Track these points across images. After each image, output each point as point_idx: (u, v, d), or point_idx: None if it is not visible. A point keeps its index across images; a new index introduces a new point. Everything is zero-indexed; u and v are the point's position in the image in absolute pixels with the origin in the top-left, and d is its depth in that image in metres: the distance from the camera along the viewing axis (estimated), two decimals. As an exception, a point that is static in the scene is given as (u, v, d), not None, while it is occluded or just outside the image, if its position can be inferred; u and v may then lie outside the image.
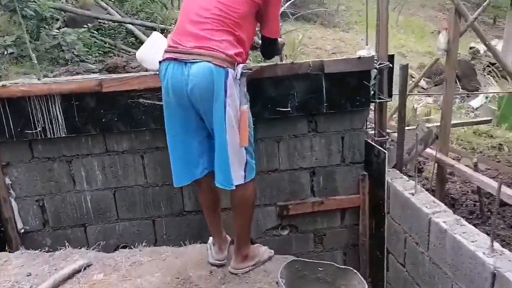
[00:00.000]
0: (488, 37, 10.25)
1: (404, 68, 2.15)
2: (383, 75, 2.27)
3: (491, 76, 7.72)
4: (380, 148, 2.20)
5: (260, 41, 1.98)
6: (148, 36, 5.76)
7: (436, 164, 2.58)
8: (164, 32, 5.90)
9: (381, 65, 2.21)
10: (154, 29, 5.91)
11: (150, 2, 6.47)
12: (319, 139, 2.37)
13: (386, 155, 2.12)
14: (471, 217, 2.49)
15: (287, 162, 2.38)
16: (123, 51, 5.53)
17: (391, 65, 2.24)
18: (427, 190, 2.96)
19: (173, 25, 6.26)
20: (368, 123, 2.46)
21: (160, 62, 1.73)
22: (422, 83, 6.73)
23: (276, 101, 2.21)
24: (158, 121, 2.12)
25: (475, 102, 6.19)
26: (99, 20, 5.86)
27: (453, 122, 3.52)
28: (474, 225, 2.51)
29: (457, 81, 6.74)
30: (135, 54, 5.52)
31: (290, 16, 7.24)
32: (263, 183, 2.36)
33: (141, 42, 5.85)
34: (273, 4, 1.78)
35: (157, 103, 2.12)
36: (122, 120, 2.14)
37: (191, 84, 1.64)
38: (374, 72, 2.26)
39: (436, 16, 12.70)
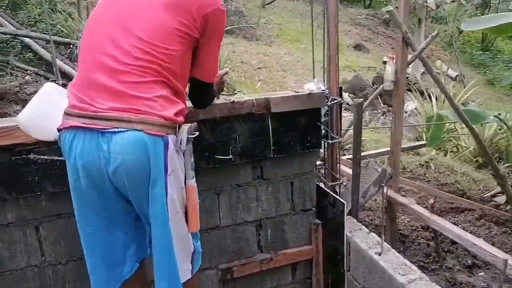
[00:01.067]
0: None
1: (359, 106, 1.90)
2: (333, 111, 2.01)
3: (409, 91, 8.18)
4: (336, 197, 1.91)
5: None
6: (49, 52, 4.94)
7: (385, 201, 2.38)
8: (71, 47, 5.12)
9: (333, 102, 1.93)
10: (57, 42, 5.11)
11: (52, 12, 5.62)
12: (266, 187, 2.02)
13: (345, 206, 1.84)
14: (428, 260, 2.34)
15: (229, 216, 1.99)
16: (18, 69, 4.66)
17: (342, 101, 1.98)
18: (376, 226, 2.80)
19: (80, 39, 5.48)
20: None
21: (59, 130, 1.20)
22: (347, 99, 6.83)
23: (214, 148, 1.82)
24: (59, 182, 1.59)
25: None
26: (-16, 32, 4.90)
27: (384, 149, 3.43)
28: (433, 270, 2.40)
29: (379, 97, 6.97)
30: (33, 73, 4.69)
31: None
32: (201, 244, 1.93)
33: (41, 58, 5.01)
34: (213, 39, 1.34)
35: (56, 158, 1.59)
36: (5, 184, 1.56)
37: (114, 164, 1.14)
38: (324, 109, 1.99)
39: (350, 30, 13.36)
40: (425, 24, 10.02)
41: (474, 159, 4.93)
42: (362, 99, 1.94)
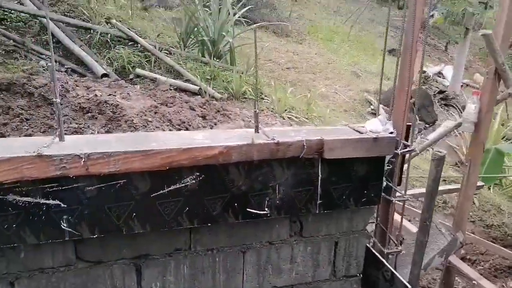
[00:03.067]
0: (436, 61, 10.26)
1: (440, 161, 1.46)
2: (397, 160, 1.57)
3: (442, 104, 7.61)
4: (397, 274, 1.48)
5: None
6: (70, 38, 4.58)
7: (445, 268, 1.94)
8: (91, 32, 4.75)
9: (405, 150, 1.50)
10: (78, 26, 4.78)
11: (75, -9, 5.26)
12: (304, 246, 1.61)
13: (408, 290, 1.41)
14: None
15: (255, 279, 1.59)
16: (33, 52, 4.32)
17: (416, 150, 1.54)
18: None
19: (105, 24, 5.12)
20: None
21: None
22: (381, 110, 6.32)
23: (246, 198, 1.41)
24: (45, 231, 1.23)
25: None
26: (2, 9, 4.57)
27: (446, 187, 2.97)
28: None
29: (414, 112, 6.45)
30: (47, 58, 4.36)
31: (244, 24, 6.44)
32: (216, 310, 1.55)
33: (59, 42, 4.67)
34: None
35: (43, 202, 1.22)
36: (-28, 232, 1.19)
37: None
38: (388, 157, 1.56)
39: (384, 33, 12.69)
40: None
41: (523, 197, 4.42)
42: (445, 153, 1.49)
